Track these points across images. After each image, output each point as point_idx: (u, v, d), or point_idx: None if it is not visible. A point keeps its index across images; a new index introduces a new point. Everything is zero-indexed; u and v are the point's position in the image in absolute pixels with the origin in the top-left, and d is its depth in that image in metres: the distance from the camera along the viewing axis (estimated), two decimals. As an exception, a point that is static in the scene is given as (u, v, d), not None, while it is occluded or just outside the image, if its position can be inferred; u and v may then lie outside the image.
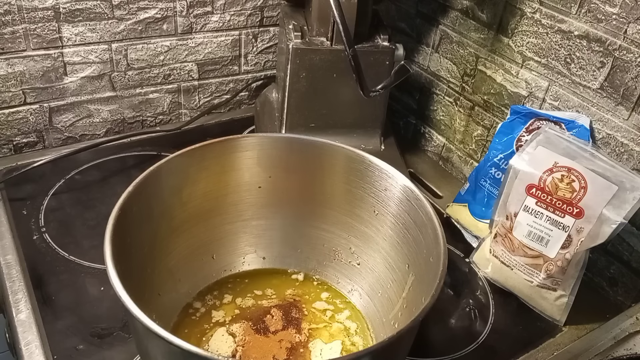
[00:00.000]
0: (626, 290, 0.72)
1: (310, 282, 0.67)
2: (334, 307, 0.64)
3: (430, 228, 0.54)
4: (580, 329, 0.68)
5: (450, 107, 0.91)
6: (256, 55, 0.99)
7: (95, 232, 0.73)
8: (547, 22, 0.72)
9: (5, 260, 0.66)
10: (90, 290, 0.65)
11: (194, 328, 0.60)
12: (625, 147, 0.68)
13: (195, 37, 0.91)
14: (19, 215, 0.74)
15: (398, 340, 0.44)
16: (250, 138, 0.64)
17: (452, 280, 0.73)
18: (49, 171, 0.81)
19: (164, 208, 0.58)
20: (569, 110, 0.72)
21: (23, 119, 0.84)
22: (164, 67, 0.91)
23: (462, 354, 0.63)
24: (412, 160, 0.95)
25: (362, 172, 0.62)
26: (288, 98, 0.77)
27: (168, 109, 0.95)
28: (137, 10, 0.84)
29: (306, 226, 0.67)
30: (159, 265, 0.58)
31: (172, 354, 0.43)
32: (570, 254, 0.63)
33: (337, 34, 0.74)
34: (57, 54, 0.81)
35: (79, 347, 0.59)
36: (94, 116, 0.89)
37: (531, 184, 0.64)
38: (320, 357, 0.58)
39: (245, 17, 0.94)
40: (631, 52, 0.64)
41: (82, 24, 0.81)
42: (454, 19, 0.85)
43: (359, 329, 0.62)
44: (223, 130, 0.87)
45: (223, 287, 0.65)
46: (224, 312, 0.62)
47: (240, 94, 1.01)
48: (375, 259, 0.63)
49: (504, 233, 0.68)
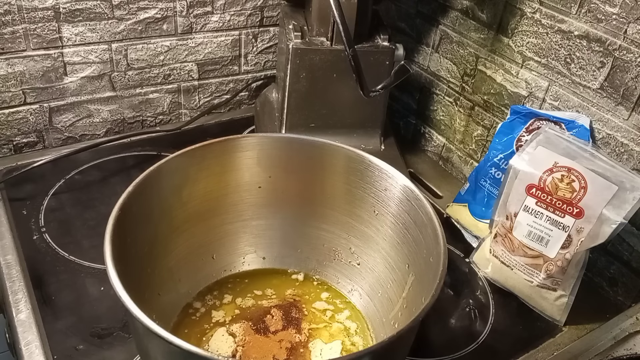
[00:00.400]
0: (626, 290, 0.72)
1: (310, 282, 0.67)
2: (334, 307, 0.64)
3: (430, 228, 0.54)
4: (580, 329, 0.68)
5: (450, 107, 0.91)
6: (256, 55, 0.99)
7: (95, 232, 0.73)
8: (547, 22, 0.72)
9: (5, 260, 0.66)
10: (90, 290, 0.65)
11: (194, 328, 0.60)
12: (625, 147, 0.68)
13: (195, 37, 0.91)
14: (19, 215, 0.74)
15: (398, 340, 0.44)
16: (250, 138, 0.64)
17: (452, 280, 0.73)
18: (49, 171, 0.81)
19: (164, 208, 0.58)
20: (569, 110, 0.72)
21: (23, 119, 0.84)
22: (164, 67, 0.91)
23: (462, 354, 0.63)
24: (412, 160, 0.95)
25: (362, 172, 0.62)
26: (288, 98, 0.77)
27: (168, 109, 0.96)
28: (137, 10, 0.84)
29: (306, 226, 0.67)
30: (159, 265, 0.58)
31: (172, 354, 0.43)
32: (570, 254, 0.63)
33: (337, 34, 0.74)
34: (57, 54, 0.81)
35: (79, 347, 0.59)
36: (94, 116, 0.89)
37: (531, 184, 0.64)
38: (320, 357, 0.58)
39: (245, 17, 0.94)
40: (631, 52, 0.64)
41: (82, 24, 0.81)
42: (454, 19, 0.85)
43: (359, 329, 0.62)
44: (223, 130, 0.87)
45: (223, 287, 0.65)
46: (224, 312, 0.62)
47: (240, 94, 1.01)
48: (375, 259, 0.63)
49: (504, 233, 0.68)
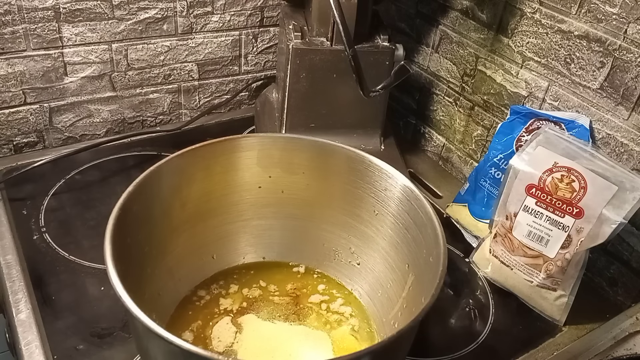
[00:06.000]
0: (626, 290, 0.72)
1: (310, 275, 0.68)
2: (329, 297, 0.65)
3: (430, 228, 0.54)
4: (580, 329, 0.68)
5: (450, 107, 0.91)
6: (256, 56, 0.99)
7: (95, 232, 0.73)
8: (547, 22, 0.72)
9: (5, 260, 0.66)
10: (90, 290, 0.65)
11: (195, 320, 0.61)
12: (625, 147, 0.68)
13: (195, 37, 0.91)
14: (19, 215, 0.74)
15: (398, 340, 0.44)
16: (250, 138, 0.64)
17: (452, 280, 0.73)
18: (49, 171, 0.81)
19: (164, 208, 0.58)
20: (568, 110, 0.73)
21: (23, 119, 0.84)
22: (164, 67, 0.91)
23: (462, 354, 0.63)
24: (412, 160, 0.95)
25: (362, 172, 0.62)
26: (288, 98, 0.77)
27: (168, 109, 0.96)
28: (137, 10, 0.84)
29: (306, 226, 0.67)
30: (159, 265, 0.58)
31: (172, 354, 0.43)
32: (570, 254, 0.63)
33: (337, 34, 0.74)
34: (57, 54, 0.81)
35: (79, 347, 0.59)
36: (94, 116, 0.89)
37: (531, 184, 0.64)
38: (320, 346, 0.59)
39: (245, 17, 0.94)
40: (631, 52, 0.64)
41: (82, 24, 0.81)
42: (453, 19, 0.86)
43: (361, 327, 0.62)
44: (223, 130, 0.87)
45: (229, 278, 0.66)
46: (231, 300, 0.63)
47: (240, 94, 1.01)
48: (375, 258, 0.63)
49: (504, 233, 0.68)
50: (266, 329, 0.60)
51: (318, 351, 0.59)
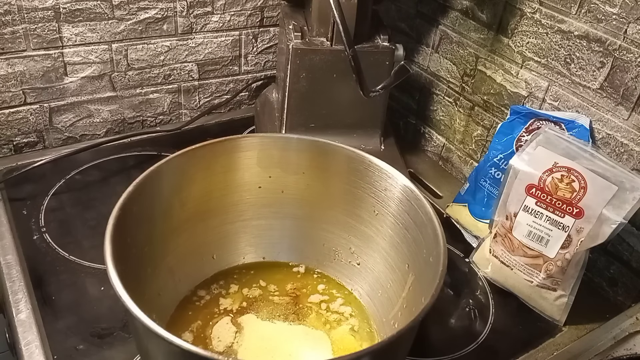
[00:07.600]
0: (626, 290, 0.72)
1: (310, 275, 0.68)
2: (329, 297, 0.65)
3: (430, 228, 0.54)
4: (580, 329, 0.68)
5: (450, 107, 0.91)
6: (256, 56, 0.99)
7: (95, 232, 0.73)
8: (547, 22, 0.72)
9: (5, 260, 0.66)
10: (90, 290, 0.65)
11: (195, 320, 0.61)
12: (625, 147, 0.68)
13: (195, 38, 0.91)
14: (19, 215, 0.74)
15: (398, 340, 0.44)
16: (250, 138, 0.64)
17: (452, 280, 0.73)
18: (49, 171, 0.81)
19: (164, 208, 0.58)
20: (568, 110, 0.73)
21: (23, 119, 0.84)
22: (164, 67, 0.91)
23: (462, 354, 0.63)
24: (412, 160, 0.95)
25: (362, 172, 0.62)
26: (288, 98, 0.77)
27: (168, 109, 0.96)
28: (137, 10, 0.84)
29: (306, 226, 0.67)
30: (159, 265, 0.58)
31: (172, 354, 0.43)
32: (570, 254, 0.63)
33: (337, 34, 0.74)
34: (57, 54, 0.81)
35: (79, 347, 0.59)
36: (94, 116, 0.89)
37: (531, 184, 0.64)
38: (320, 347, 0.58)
39: (245, 17, 0.94)
40: (631, 52, 0.64)
41: (82, 24, 0.81)
42: (453, 19, 0.86)
43: (361, 327, 0.62)
44: (223, 130, 0.87)
45: (229, 278, 0.66)
46: (231, 300, 0.63)
47: (240, 94, 1.01)
48: (375, 259, 0.63)
49: (504, 233, 0.68)
50: (266, 329, 0.61)
51: (318, 351, 0.59)
